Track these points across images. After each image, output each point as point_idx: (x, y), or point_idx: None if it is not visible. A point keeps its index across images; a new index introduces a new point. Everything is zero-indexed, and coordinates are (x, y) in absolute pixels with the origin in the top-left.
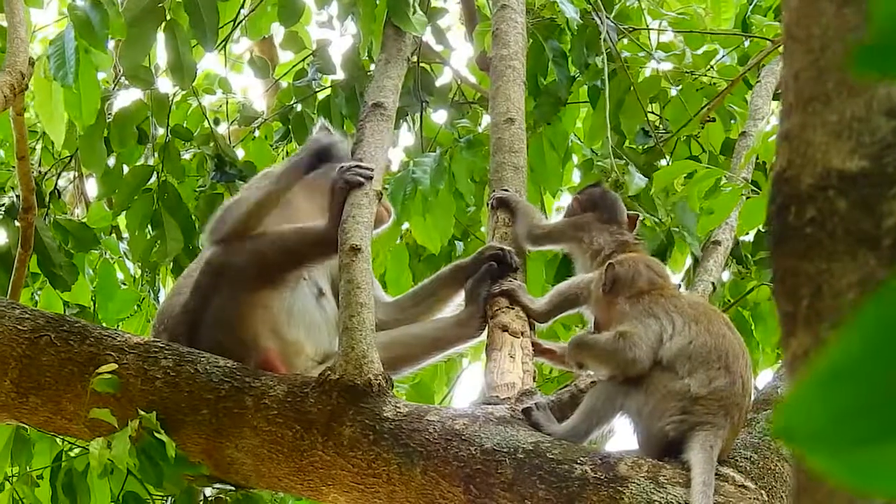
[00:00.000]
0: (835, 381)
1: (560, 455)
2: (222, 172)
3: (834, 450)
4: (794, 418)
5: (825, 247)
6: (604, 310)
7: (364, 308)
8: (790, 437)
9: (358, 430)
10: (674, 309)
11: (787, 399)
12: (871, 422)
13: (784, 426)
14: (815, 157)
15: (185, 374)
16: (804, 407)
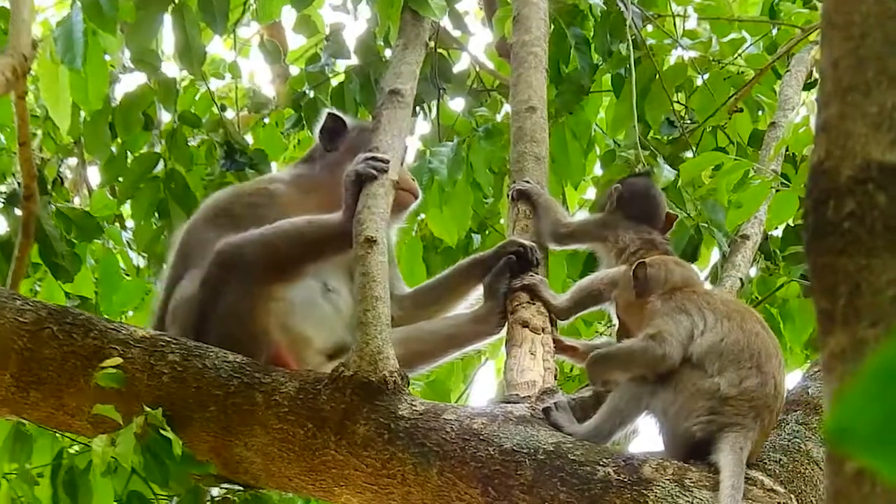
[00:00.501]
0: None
1: (582, 456)
2: (232, 160)
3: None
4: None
5: (864, 242)
6: (635, 312)
7: (379, 302)
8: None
9: (372, 429)
10: (706, 305)
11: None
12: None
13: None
14: (855, 148)
15: (192, 370)
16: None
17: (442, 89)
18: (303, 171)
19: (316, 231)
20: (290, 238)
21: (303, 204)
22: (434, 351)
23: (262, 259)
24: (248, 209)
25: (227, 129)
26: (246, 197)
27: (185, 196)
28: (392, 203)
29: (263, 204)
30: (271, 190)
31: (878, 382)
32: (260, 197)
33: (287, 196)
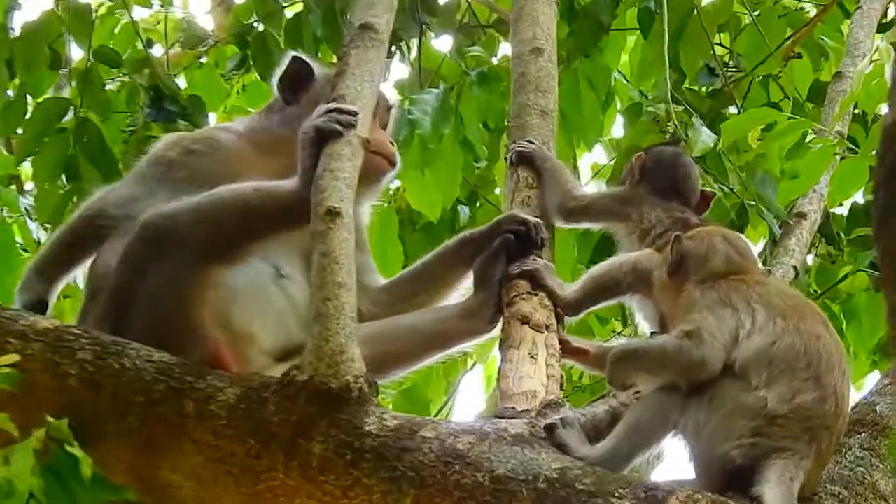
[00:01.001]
0: None
1: (593, 485)
2: (159, 108)
3: None
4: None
5: None
6: (669, 299)
7: (343, 289)
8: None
9: (331, 448)
10: (757, 298)
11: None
12: None
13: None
14: None
15: (107, 371)
16: None
17: (425, 24)
18: (259, 123)
19: (265, 200)
20: (233, 209)
21: (256, 164)
22: (411, 352)
23: (198, 235)
24: (187, 157)
25: (154, 69)
26: (188, 142)
27: (99, 152)
28: (361, 168)
29: (207, 154)
30: (220, 140)
31: None
32: (205, 146)
33: (238, 151)
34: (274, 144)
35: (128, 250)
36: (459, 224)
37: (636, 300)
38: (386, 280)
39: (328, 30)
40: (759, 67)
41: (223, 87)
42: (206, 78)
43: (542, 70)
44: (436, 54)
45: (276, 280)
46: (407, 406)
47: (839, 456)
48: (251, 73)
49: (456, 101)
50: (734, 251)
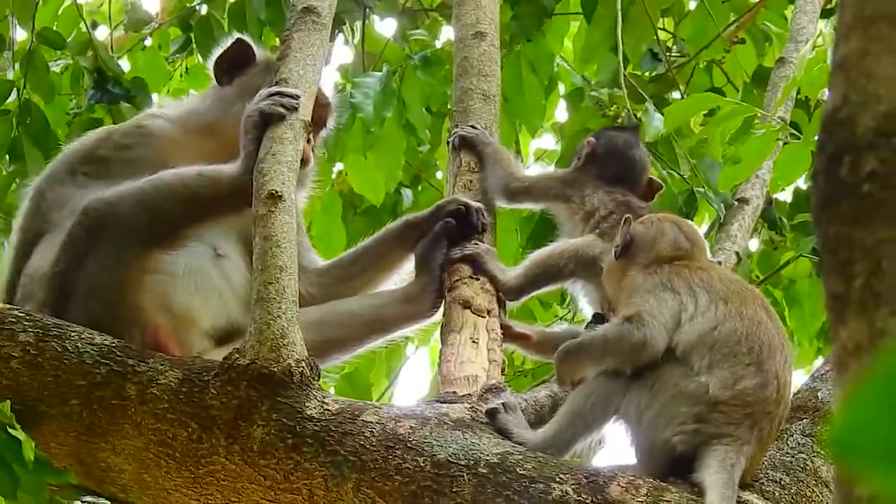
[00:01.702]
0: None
1: (534, 471)
2: (103, 90)
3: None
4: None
5: (888, 209)
6: (613, 283)
7: (284, 273)
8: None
9: (273, 432)
10: (699, 283)
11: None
12: None
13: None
14: (879, 92)
15: (49, 353)
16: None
17: (368, 7)
18: (190, 107)
19: (207, 185)
20: (173, 193)
21: (190, 149)
22: (353, 337)
23: (139, 220)
24: (119, 152)
25: (98, 51)
26: (118, 137)
27: (43, 134)
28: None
29: (139, 145)
30: (150, 128)
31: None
32: (135, 137)
33: (169, 137)
34: (204, 128)
35: (69, 237)
36: (402, 208)
37: (578, 285)
38: (326, 262)
39: (272, 13)
40: (703, 52)
41: (166, 69)
42: (149, 60)
43: (484, 54)
44: (379, 38)
45: (215, 261)
46: (349, 390)
47: (781, 442)
48: (194, 56)
49: (399, 85)
50: (683, 237)
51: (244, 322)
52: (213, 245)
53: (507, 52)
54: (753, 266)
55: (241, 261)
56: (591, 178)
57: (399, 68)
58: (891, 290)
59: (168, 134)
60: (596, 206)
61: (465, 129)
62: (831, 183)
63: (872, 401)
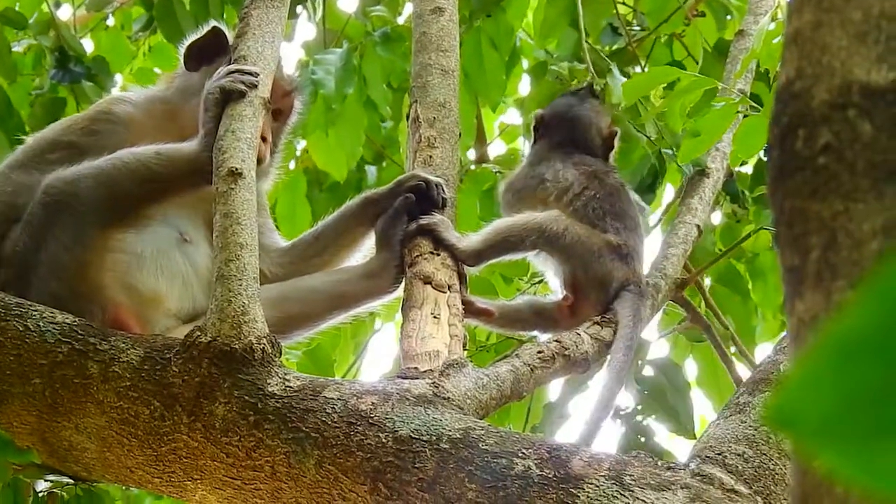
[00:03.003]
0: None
1: (496, 446)
2: (65, 70)
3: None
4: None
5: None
6: None
7: (245, 250)
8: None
9: (235, 409)
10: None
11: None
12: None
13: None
14: (833, 65)
15: (10, 332)
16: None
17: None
18: (157, 92)
19: (167, 162)
20: (132, 172)
21: (156, 134)
22: (315, 313)
23: (98, 198)
24: (87, 138)
25: (60, 31)
26: (84, 122)
27: (6, 115)
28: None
29: (106, 130)
30: (117, 113)
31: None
32: (103, 123)
33: (137, 122)
34: (168, 113)
35: (29, 216)
36: (366, 184)
37: (541, 258)
38: (288, 242)
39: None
40: (663, 26)
41: (130, 48)
42: (112, 40)
43: (443, 29)
44: (340, 15)
45: (180, 245)
46: (312, 367)
47: (743, 415)
48: (157, 35)
49: (360, 61)
50: None
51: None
52: (179, 229)
53: (466, 28)
54: (717, 239)
55: (208, 246)
56: (552, 150)
57: (360, 44)
58: (846, 263)
59: (135, 118)
60: (570, 182)
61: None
62: (786, 156)
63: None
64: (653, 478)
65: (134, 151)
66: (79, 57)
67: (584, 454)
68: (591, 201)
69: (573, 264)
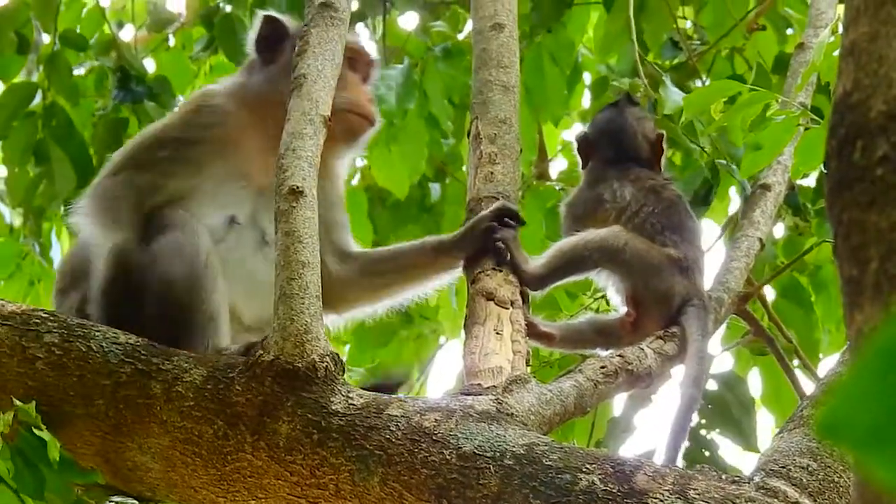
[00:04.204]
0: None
1: (560, 461)
2: (127, 90)
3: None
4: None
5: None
6: None
7: (307, 269)
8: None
9: (298, 428)
10: None
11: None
12: None
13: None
14: (890, 76)
15: (74, 353)
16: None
17: (389, 1)
18: (245, 83)
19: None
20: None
21: (249, 125)
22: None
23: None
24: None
25: (121, 52)
26: (185, 117)
27: (68, 136)
28: (339, 127)
29: (209, 123)
30: (216, 105)
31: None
32: (204, 115)
33: (233, 113)
34: (263, 104)
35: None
36: (430, 201)
37: (604, 275)
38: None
39: (293, 9)
40: (724, 40)
41: (190, 68)
42: (173, 60)
43: (503, 45)
44: (402, 33)
45: (261, 246)
46: None
47: (807, 428)
48: (218, 55)
49: (421, 77)
50: None
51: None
52: (260, 228)
53: (527, 44)
54: (779, 252)
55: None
56: (606, 167)
57: (420, 61)
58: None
59: (232, 110)
60: (628, 201)
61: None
62: (843, 168)
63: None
64: (717, 492)
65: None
66: (141, 77)
67: (648, 469)
68: (650, 217)
69: (634, 280)
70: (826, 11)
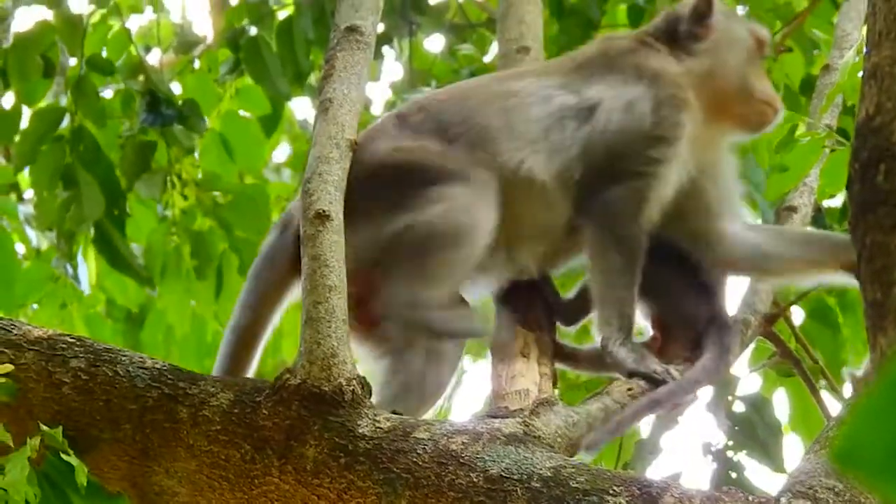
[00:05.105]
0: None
1: (587, 483)
2: (155, 113)
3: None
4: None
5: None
6: None
7: (333, 293)
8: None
9: (325, 451)
10: None
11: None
12: None
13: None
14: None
15: (101, 378)
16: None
17: (415, 24)
18: (684, 60)
19: None
20: None
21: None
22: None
23: None
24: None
25: (149, 75)
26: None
27: (95, 160)
28: (744, 117)
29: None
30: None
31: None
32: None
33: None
34: (704, 83)
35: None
36: None
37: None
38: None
39: (319, 32)
40: None
41: (216, 91)
42: (199, 82)
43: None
44: (427, 54)
45: None
46: None
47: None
48: (244, 77)
49: None
50: None
51: None
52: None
53: None
54: None
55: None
56: None
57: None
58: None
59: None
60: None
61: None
62: (866, 191)
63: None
64: None
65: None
66: (168, 100)
67: (674, 491)
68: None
69: (659, 304)
70: (851, 33)
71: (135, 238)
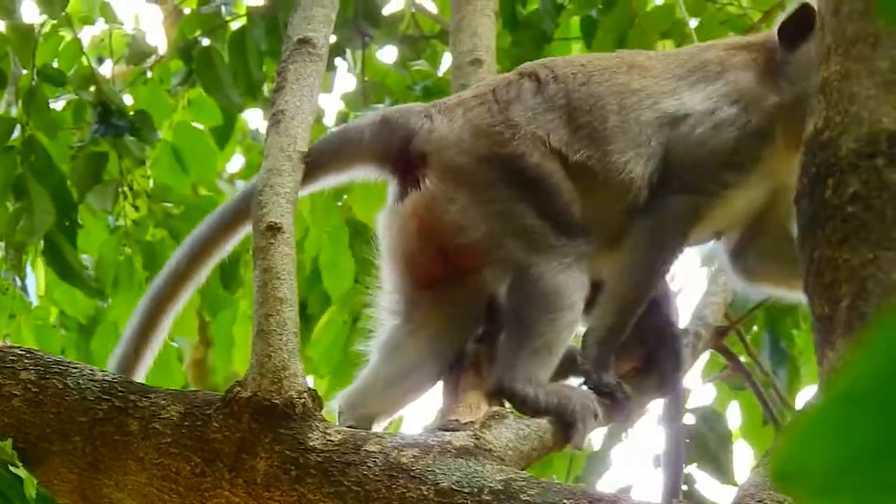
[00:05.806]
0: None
1: (538, 496)
2: (107, 124)
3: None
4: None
5: (872, 231)
6: None
7: (285, 305)
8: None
9: (276, 464)
10: None
11: (789, 433)
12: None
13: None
14: (861, 115)
15: (51, 390)
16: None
17: (368, 36)
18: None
19: None
20: None
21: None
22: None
23: None
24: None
25: (101, 86)
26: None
27: (47, 170)
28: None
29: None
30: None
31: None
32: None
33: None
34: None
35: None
36: None
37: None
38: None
39: (272, 43)
40: None
41: (168, 102)
42: (151, 93)
43: (482, 81)
44: (380, 66)
45: None
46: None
47: None
48: (197, 88)
49: None
50: None
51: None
52: None
53: None
54: None
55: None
56: None
57: (399, 99)
58: (876, 311)
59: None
60: None
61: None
62: (815, 205)
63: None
64: None
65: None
66: (120, 111)
67: (625, 503)
68: None
69: None
70: None
71: (86, 249)
